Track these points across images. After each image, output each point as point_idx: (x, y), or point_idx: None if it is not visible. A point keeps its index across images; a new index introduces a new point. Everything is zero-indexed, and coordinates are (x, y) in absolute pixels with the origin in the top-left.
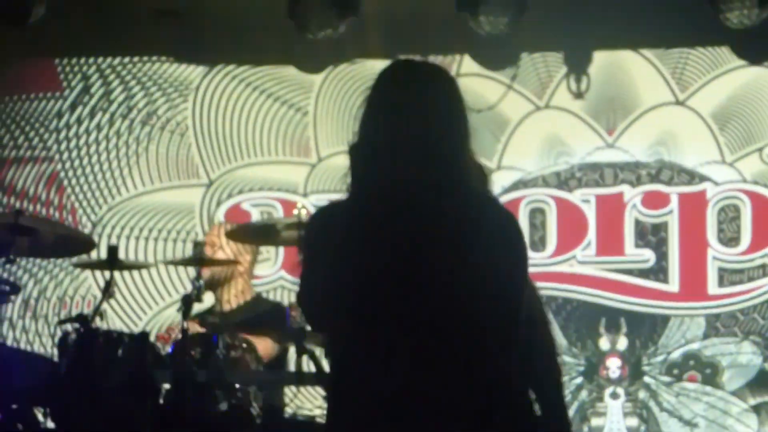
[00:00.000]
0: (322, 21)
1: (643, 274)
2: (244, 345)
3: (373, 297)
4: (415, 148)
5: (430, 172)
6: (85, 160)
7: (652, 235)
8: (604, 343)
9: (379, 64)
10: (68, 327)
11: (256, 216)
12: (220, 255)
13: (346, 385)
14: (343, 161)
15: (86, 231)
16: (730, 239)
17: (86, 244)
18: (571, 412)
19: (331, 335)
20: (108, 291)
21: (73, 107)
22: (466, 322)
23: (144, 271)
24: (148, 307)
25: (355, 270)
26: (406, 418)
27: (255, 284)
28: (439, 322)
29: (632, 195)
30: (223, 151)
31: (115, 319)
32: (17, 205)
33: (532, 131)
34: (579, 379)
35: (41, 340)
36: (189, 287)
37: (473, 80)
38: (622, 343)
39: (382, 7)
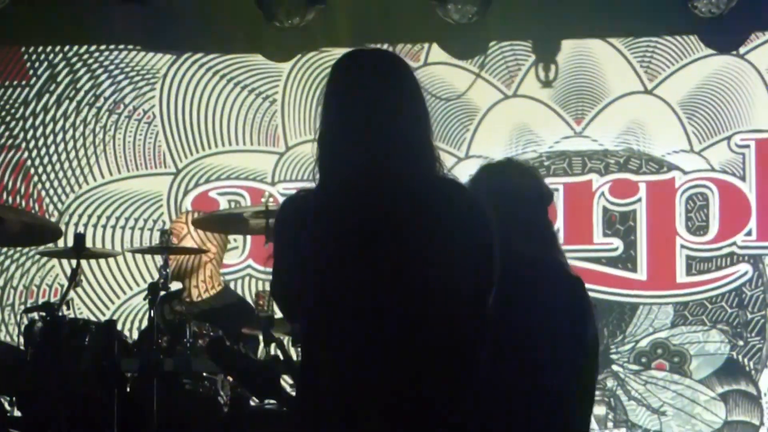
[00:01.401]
0: (290, 9)
1: (611, 262)
2: (212, 333)
3: (343, 286)
4: (378, 136)
5: (395, 159)
6: (52, 149)
7: (620, 224)
8: None
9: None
10: (34, 315)
11: (223, 204)
12: (186, 244)
13: (314, 374)
14: (311, 150)
15: (53, 219)
16: (698, 228)
17: (53, 232)
18: None
19: (304, 324)
20: (75, 279)
21: (39, 95)
22: (436, 310)
23: (111, 260)
24: (115, 295)
25: (326, 259)
26: (373, 407)
27: (223, 273)
28: (409, 311)
29: (600, 183)
30: (190, 140)
31: (82, 308)
32: None
33: (501, 120)
34: None
35: (7, 328)
36: (156, 275)
37: (441, 69)
38: None
39: None
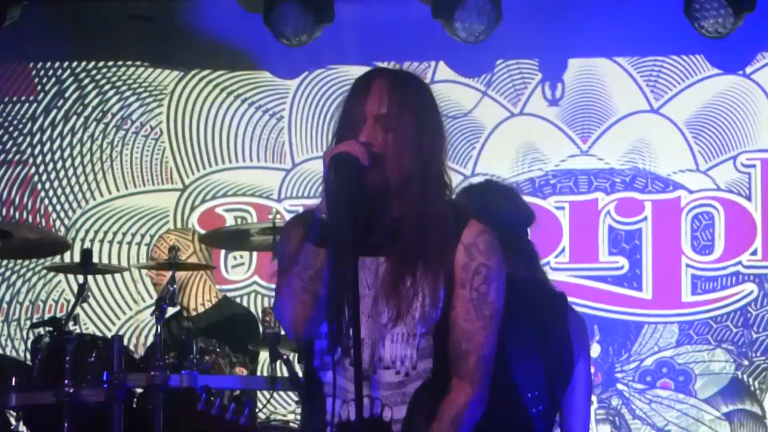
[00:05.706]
0: (298, 27)
1: (616, 281)
2: (218, 349)
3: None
4: (392, 158)
5: (408, 182)
6: (59, 164)
7: (625, 243)
8: None
9: (354, 70)
10: (41, 330)
11: (230, 221)
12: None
13: (319, 391)
14: (318, 167)
15: (60, 235)
16: (703, 247)
17: (60, 247)
18: None
19: (307, 343)
20: (82, 295)
21: (47, 111)
22: (442, 332)
23: (118, 275)
24: (122, 311)
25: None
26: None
27: (229, 289)
28: (411, 329)
29: (606, 202)
30: (197, 156)
31: (88, 323)
32: None
33: (507, 138)
34: None
35: (14, 343)
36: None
37: (448, 87)
38: (595, 350)
39: (358, 13)
